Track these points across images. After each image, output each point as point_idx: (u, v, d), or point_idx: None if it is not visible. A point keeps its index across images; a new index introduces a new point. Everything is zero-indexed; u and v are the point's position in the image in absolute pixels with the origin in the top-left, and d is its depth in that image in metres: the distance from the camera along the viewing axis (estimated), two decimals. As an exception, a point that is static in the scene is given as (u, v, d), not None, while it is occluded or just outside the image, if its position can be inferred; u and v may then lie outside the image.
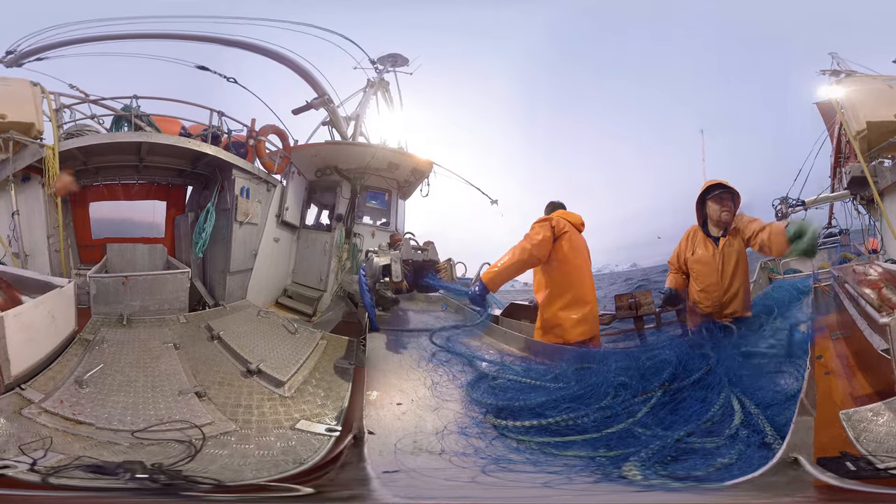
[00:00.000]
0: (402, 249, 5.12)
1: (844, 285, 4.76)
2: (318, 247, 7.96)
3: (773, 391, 3.13)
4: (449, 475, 2.62)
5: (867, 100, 6.29)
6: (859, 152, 5.90)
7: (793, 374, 3.35)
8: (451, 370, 3.97)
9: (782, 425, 2.60)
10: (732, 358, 3.44)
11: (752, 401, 2.94)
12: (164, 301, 5.26)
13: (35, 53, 6.92)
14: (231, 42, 7.38)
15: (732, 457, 2.48)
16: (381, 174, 8.19)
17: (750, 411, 2.84)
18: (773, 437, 2.57)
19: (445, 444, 2.91)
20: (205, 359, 4.40)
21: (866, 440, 2.44)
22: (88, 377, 3.67)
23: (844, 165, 6.79)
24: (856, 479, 2.15)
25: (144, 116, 6.54)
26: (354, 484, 2.61)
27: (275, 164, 7.39)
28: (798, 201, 7.37)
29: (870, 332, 3.60)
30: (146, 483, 2.34)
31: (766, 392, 3.11)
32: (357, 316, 6.13)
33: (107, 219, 6.84)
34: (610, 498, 2.41)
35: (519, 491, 2.48)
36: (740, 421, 2.78)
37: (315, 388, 4.04)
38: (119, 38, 7.13)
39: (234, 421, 3.43)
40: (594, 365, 3.54)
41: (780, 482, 2.15)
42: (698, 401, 3.00)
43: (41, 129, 5.67)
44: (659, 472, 2.44)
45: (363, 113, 8.56)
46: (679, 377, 3.24)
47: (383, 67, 8.80)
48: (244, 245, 6.90)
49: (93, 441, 2.97)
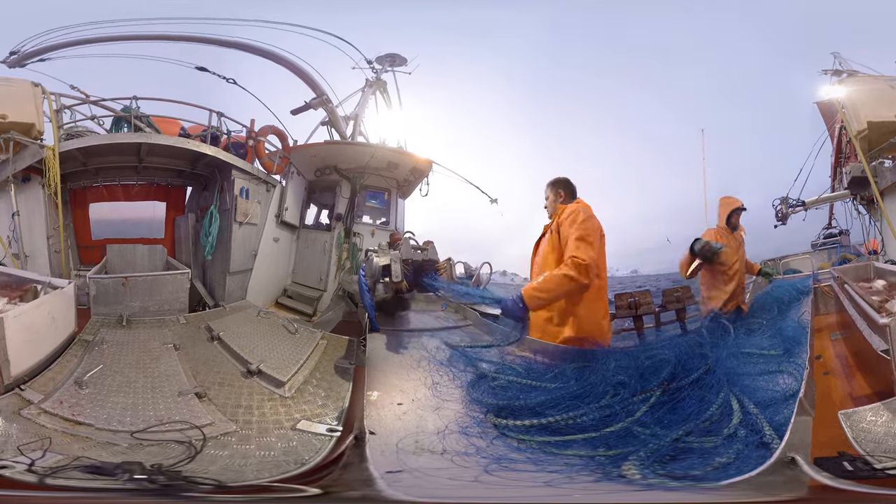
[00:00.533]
0: (402, 249, 5.10)
1: (844, 286, 4.77)
2: (318, 247, 7.96)
3: (771, 391, 3.13)
4: (452, 475, 2.62)
5: (868, 100, 6.29)
6: (861, 152, 5.90)
7: (792, 373, 3.36)
8: (452, 370, 3.97)
9: (781, 425, 2.60)
10: (731, 357, 3.44)
11: (751, 400, 2.94)
12: (164, 302, 5.26)
13: (38, 54, 6.93)
14: (230, 43, 7.38)
15: (730, 456, 2.48)
16: (381, 173, 8.18)
17: (749, 410, 2.84)
18: (772, 437, 2.57)
19: (447, 444, 2.91)
20: (205, 359, 4.39)
21: (865, 440, 2.44)
22: (88, 378, 3.67)
23: (845, 165, 6.79)
24: (852, 480, 2.15)
25: (144, 117, 6.54)
26: (360, 484, 2.61)
27: (274, 164, 7.40)
28: (798, 201, 7.37)
29: (869, 332, 3.60)
30: (145, 484, 2.34)
31: (765, 392, 3.12)
32: (357, 316, 6.12)
33: (106, 219, 6.85)
34: (610, 497, 2.41)
35: (521, 490, 2.49)
36: (739, 420, 2.78)
37: (315, 389, 4.03)
38: (119, 39, 7.13)
39: (235, 421, 3.43)
40: (593, 364, 3.54)
41: (776, 482, 2.15)
42: (697, 400, 3.00)
43: (41, 130, 5.68)
44: (657, 472, 2.45)
45: (362, 113, 8.56)
46: (678, 376, 3.24)
47: (381, 67, 8.79)
48: (244, 245, 6.90)
49: (92, 442, 2.97)
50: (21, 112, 5.61)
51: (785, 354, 3.83)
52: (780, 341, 4.09)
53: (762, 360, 3.77)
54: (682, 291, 5.98)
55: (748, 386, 3.15)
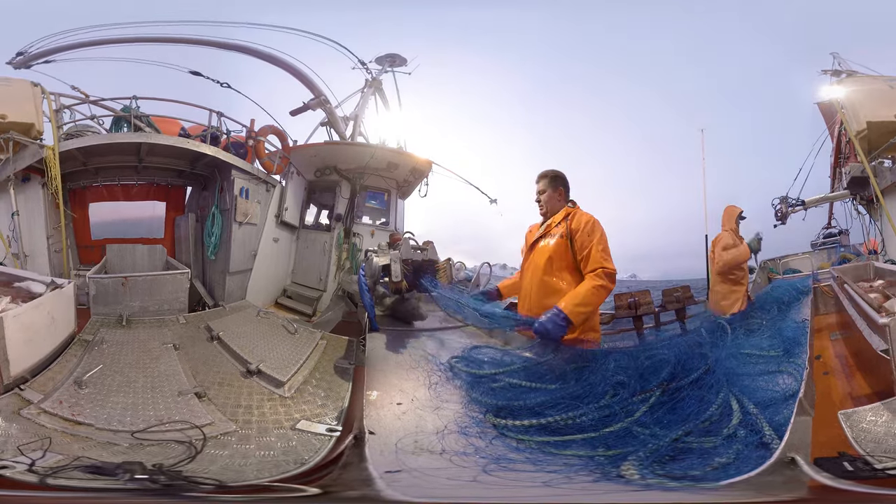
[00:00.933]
0: (402, 249, 5.09)
1: (844, 286, 4.77)
2: (318, 247, 7.96)
3: (771, 391, 3.13)
4: (451, 474, 2.62)
5: (868, 100, 6.29)
6: (861, 152, 5.90)
7: (791, 374, 3.36)
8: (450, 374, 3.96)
9: (780, 425, 2.61)
10: (731, 357, 3.44)
11: (750, 400, 2.94)
12: (164, 302, 5.26)
13: (44, 56, 6.94)
14: (227, 45, 7.38)
15: (730, 456, 2.49)
16: (381, 174, 8.17)
17: (748, 411, 2.84)
18: (771, 437, 2.57)
19: (446, 444, 2.92)
20: (204, 359, 4.40)
21: (865, 440, 2.44)
22: (88, 378, 3.67)
23: (844, 165, 6.79)
24: (852, 480, 2.15)
25: (144, 117, 6.54)
26: (359, 484, 2.61)
27: (274, 164, 7.39)
28: (798, 201, 7.36)
29: (869, 332, 3.60)
30: (146, 484, 2.34)
31: (765, 392, 3.12)
32: (357, 316, 6.12)
33: (106, 219, 6.84)
34: (608, 497, 2.41)
35: (520, 490, 2.49)
36: (738, 421, 2.79)
37: (315, 389, 4.04)
38: (120, 42, 7.14)
39: (235, 421, 3.43)
40: (593, 364, 3.53)
41: (776, 482, 2.15)
42: (696, 400, 3.00)
43: (41, 130, 5.67)
44: (656, 472, 2.45)
45: (362, 113, 8.55)
46: (677, 376, 3.24)
47: (381, 68, 8.78)
48: (243, 245, 6.90)
49: (92, 441, 2.98)
50: (20, 112, 5.60)
51: (785, 355, 3.83)
52: (779, 342, 4.10)
53: (762, 361, 3.78)
54: (682, 291, 5.98)
55: (748, 386, 3.15)
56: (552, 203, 4.25)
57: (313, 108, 7.74)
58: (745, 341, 4.17)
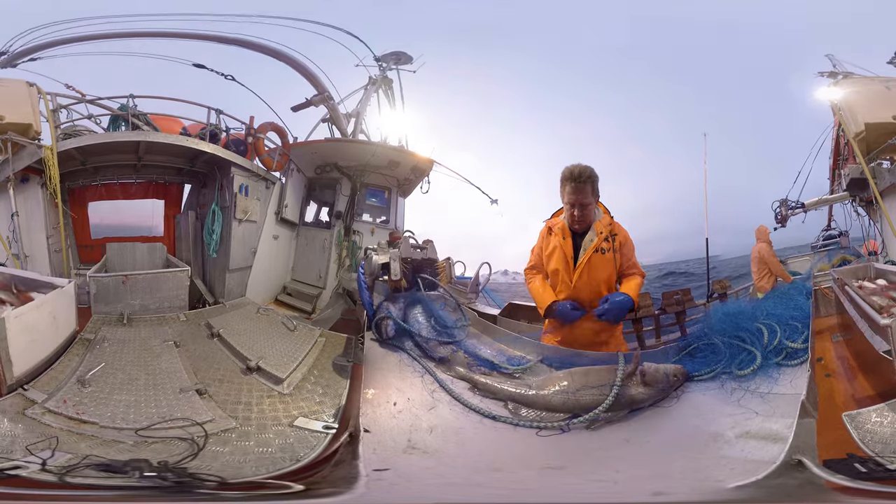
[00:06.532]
0: (402, 247, 5.09)
1: (844, 287, 4.78)
2: (318, 244, 7.95)
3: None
4: (440, 473, 2.64)
5: (865, 101, 6.31)
6: (860, 154, 5.92)
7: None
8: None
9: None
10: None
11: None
12: (164, 299, 5.25)
13: (28, 53, 6.87)
14: (228, 40, 7.34)
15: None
16: (382, 172, 8.16)
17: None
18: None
19: (439, 443, 2.93)
20: (205, 356, 4.40)
21: (871, 441, 2.44)
22: (90, 376, 3.67)
23: (843, 167, 6.80)
24: (870, 481, 2.15)
25: (142, 115, 6.51)
26: (342, 482, 2.63)
27: (274, 161, 7.37)
28: (798, 203, 7.38)
29: (870, 333, 3.61)
30: (158, 481, 2.36)
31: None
32: (356, 313, 6.12)
33: (106, 218, 6.82)
34: (608, 497, 2.42)
35: (512, 489, 2.50)
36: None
37: (313, 386, 4.04)
38: (113, 36, 7.08)
39: (235, 418, 3.43)
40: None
41: (790, 484, 2.15)
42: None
43: (39, 130, 5.63)
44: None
45: (364, 110, 8.52)
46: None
47: (386, 65, 8.74)
48: (243, 243, 6.88)
49: (98, 440, 2.98)
50: (17, 112, 5.56)
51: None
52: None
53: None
54: (682, 294, 5.97)
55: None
56: (592, 213, 4.24)
57: (316, 104, 7.71)
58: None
